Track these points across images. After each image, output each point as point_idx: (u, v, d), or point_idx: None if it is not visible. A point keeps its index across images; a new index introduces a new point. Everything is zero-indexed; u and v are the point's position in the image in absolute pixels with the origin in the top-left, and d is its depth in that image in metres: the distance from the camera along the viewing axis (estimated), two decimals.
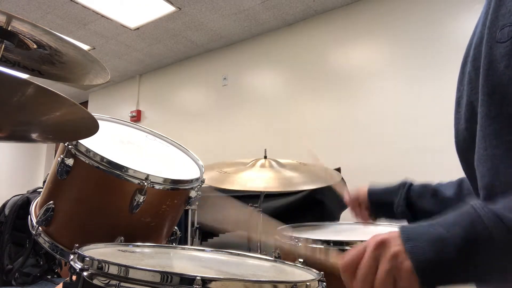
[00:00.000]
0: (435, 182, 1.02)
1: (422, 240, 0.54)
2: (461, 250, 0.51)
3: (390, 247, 0.55)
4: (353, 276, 0.58)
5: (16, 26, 0.89)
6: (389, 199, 1.06)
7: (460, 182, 0.97)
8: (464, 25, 2.88)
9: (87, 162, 1.09)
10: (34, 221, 1.16)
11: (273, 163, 1.74)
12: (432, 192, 0.99)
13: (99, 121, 0.94)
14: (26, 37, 0.94)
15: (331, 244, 1.28)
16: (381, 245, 0.56)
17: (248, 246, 2.49)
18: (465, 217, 0.53)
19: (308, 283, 0.70)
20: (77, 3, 3.59)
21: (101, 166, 1.08)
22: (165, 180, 1.14)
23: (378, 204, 1.10)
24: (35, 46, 0.98)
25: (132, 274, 0.64)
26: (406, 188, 1.03)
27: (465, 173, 0.70)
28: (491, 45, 0.58)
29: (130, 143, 1.36)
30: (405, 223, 1.05)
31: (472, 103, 0.63)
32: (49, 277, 2.92)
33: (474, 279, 0.54)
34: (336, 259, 0.63)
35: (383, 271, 0.55)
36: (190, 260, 0.97)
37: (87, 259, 0.70)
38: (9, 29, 0.89)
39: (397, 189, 1.05)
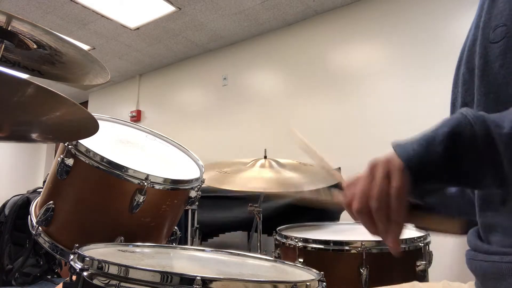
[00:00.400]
0: None
1: (411, 142, 0.56)
2: (447, 146, 0.52)
3: (383, 159, 0.58)
4: (352, 203, 0.60)
5: (16, 26, 0.89)
6: None
7: None
8: (464, 25, 2.88)
9: (87, 162, 1.09)
10: (34, 221, 1.16)
11: (273, 163, 1.74)
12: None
13: (99, 121, 0.94)
14: (26, 37, 0.94)
15: (331, 244, 1.29)
16: (374, 166, 0.59)
17: (248, 246, 2.49)
18: (453, 118, 0.55)
19: (308, 283, 0.70)
20: (77, 3, 3.59)
21: (101, 166, 1.08)
22: (165, 180, 1.14)
23: None
24: (35, 46, 0.98)
25: (132, 274, 0.64)
26: None
27: None
28: (485, 46, 0.59)
29: (130, 143, 1.36)
30: None
31: (467, 104, 0.64)
32: (49, 277, 2.92)
33: (461, 176, 0.55)
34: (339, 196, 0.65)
35: (378, 178, 0.57)
36: (190, 260, 0.97)
37: (87, 259, 0.70)
38: (9, 29, 0.89)
39: None
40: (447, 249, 2.55)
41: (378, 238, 0.60)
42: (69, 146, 1.10)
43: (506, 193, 0.54)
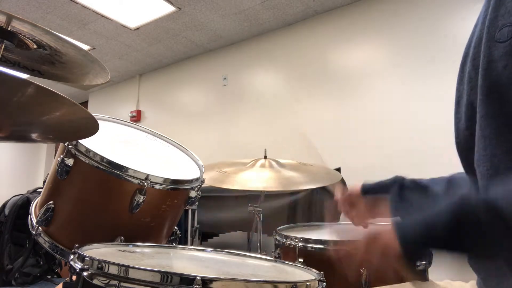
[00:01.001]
0: (426, 178, 1.03)
1: (411, 225, 0.59)
2: (449, 231, 0.54)
3: (381, 242, 0.62)
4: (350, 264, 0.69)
5: (16, 26, 0.89)
6: (384, 194, 1.05)
7: (450, 179, 0.98)
8: (464, 24, 2.88)
9: (87, 162, 1.09)
10: (34, 221, 1.16)
11: (273, 163, 1.74)
12: (423, 189, 1.00)
13: (99, 121, 0.94)
14: (26, 37, 0.94)
15: (331, 244, 1.29)
16: (374, 238, 0.63)
17: (248, 246, 2.49)
18: (454, 203, 0.56)
19: (308, 283, 0.70)
20: (77, 3, 3.59)
21: (101, 166, 1.08)
22: (165, 180, 1.14)
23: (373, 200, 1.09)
24: (35, 46, 0.98)
25: (132, 274, 0.64)
26: (398, 184, 1.03)
27: (466, 173, 0.70)
28: (490, 45, 0.58)
29: (130, 143, 1.36)
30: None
31: (472, 103, 0.63)
32: (49, 277, 2.92)
33: (460, 254, 0.58)
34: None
35: (376, 259, 0.63)
36: (190, 260, 0.97)
37: (87, 259, 0.70)
38: (9, 29, 0.89)
39: (390, 185, 1.04)
40: None
41: None
42: (69, 146, 1.10)
43: None
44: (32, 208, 1.24)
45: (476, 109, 0.62)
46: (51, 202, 1.13)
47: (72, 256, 0.75)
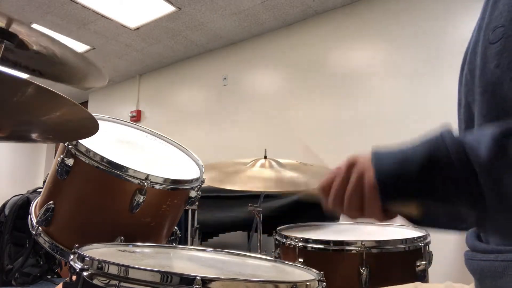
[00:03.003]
0: None
1: (388, 157, 0.61)
2: (422, 168, 0.56)
3: (359, 165, 0.63)
4: (328, 193, 0.67)
5: (16, 27, 0.89)
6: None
7: None
8: (463, 25, 2.88)
9: (87, 162, 1.09)
10: (34, 221, 1.16)
11: (273, 163, 1.74)
12: None
13: (99, 121, 0.94)
14: (25, 38, 0.94)
15: (331, 244, 1.29)
16: (352, 165, 0.64)
17: (248, 246, 2.49)
18: (431, 140, 0.58)
19: (308, 283, 0.70)
20: (77, 3, 3.59)
21: (101, 166, 1.08)
22: (165, 180, 1.14)
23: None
24: (34, 47, 0.98)
25: (132, 274, 0.64)
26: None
27: None
28: (485, 47, 0.60)
29: (130, 143, 1.36)
30: None
31: (469, 104, 0.66)
32: (49, 277, 2.92)
33: (433, 196, 0.58)
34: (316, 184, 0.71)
35: (351, 184, 0.63)
36: (190, 260, 0.97)
37: (87, 259, 0.70)
38: (9, 29, 0.89)
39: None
40: (447, 249, 2.54)
41: (379, 238, 0.63)
42: (69, 146, 1.10)
43: (482, 215, 0.56)
44: (32, 208, 1.24)
45: (472, 110, 0.64)
46: (51, 202, 1.13)
47: (72, 256, 0.75)
